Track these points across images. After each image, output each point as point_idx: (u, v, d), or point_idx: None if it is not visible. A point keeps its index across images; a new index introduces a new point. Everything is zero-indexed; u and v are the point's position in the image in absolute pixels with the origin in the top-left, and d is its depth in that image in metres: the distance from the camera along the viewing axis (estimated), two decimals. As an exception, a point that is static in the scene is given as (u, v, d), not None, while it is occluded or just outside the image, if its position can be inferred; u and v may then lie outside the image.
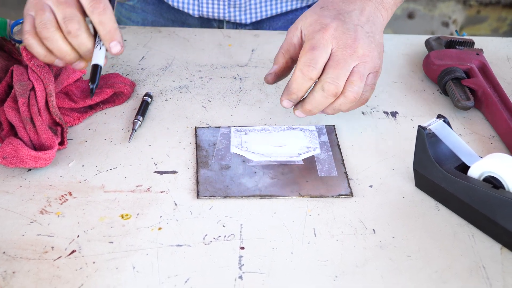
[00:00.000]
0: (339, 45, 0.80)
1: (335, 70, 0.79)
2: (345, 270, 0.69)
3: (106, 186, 0.78)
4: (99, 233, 0.72)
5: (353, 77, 0.80)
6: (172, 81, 0.98)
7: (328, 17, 0.82)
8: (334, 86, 0.79)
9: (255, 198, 0.77)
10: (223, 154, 0.83)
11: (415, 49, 1.07)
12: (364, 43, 0.81)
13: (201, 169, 0.81)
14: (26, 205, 0.75)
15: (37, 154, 0.77)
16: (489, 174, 0.71)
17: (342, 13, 0.83)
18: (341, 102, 0.81)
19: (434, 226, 0.74)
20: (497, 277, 0.68)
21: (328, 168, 0.81)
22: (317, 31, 0.81)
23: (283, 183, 0.79)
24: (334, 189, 0.78)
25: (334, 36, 0.81)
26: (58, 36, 0.79)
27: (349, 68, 0.80)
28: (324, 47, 0.80)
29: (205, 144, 0.85)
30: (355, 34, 0.81)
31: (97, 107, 0.91)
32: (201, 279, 0.67)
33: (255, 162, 0.82)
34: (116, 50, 0.81)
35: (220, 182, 0.79)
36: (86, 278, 0.67)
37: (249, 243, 0.71)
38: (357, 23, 0.83)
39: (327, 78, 0.80)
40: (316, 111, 0.83)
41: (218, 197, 0.77)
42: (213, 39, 1.08)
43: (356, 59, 0.80)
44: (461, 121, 0.91)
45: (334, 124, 0.89)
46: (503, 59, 1.05)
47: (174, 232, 0.72)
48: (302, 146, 0.84)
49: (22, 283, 0.66)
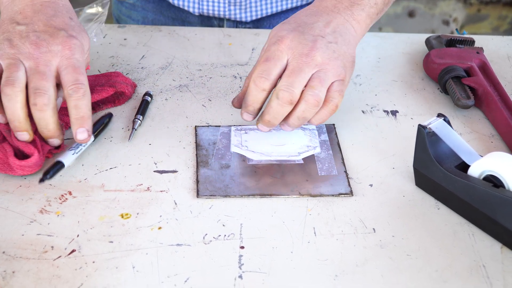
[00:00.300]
0: (295, 54, 0.80)
1: (290, 78, 0.79)
2: (345, 269, 0.69)
3: (106, 185, 0.78)
4: (99, 232, 0.72)
5: (313, 82, 0.79)
6: (172, 80, 0.98)
7: (286, 30, 0.82)
8: (288, 93, 0.78)
9: (255, 198, 0.77)
10: (223, 153, 0.83)
11: (416, 47, 1.07)
12: (323, 52, 0.80)
13: (201, 168, 0.81)
14: (26, 205, 0.75)
15: (20, 162, 0.77)
16: (490, 173, 0.71)
17: (302, 25, 0.83)
18: (303, 108, 0.80)
19: (434, 225, 0.74)
20: (498, 276, 0.68)
21: (328, 167, 0.81)
22: (272, 44, 0.81)
23: (283, 182, 0.79)
24: (334, 188, 0.78)
25: (289, 47, 0.80)
26: (20, 98, 0.76)
27: (306, 76, 0.79)
28: (278, 58, 0.80)
29: (205, 143, 0.85)
30: (312, 44, 0.81)
31: (97, 107, 0.91)
32: (201, 278, 0.67)
33: (255, 161, 0.82)
34: (81, 137, 0.79)
35: (220, 181, 0.79)
36: (86, 278, 0.67)
37: (249, 243, 0.71)
38: (318, 33, 0.82)
39: (281, 86, 0.79)
40: (276, 121, 0.81)
41: (218, 196, 0.77)
42: (214, 38, 1.08)
43: (314, 67, 0.80)
44: (462, 120, 0.91)
45: (334, 123, 0.88)
46: (504, 57, 1.05)
47: (174, 232, 0.72)
48: (302, 145, 0.84)
49: (21, 282, 0.66)
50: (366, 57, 1.04)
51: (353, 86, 0.97)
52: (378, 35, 1.11)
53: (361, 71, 1.01)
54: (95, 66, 1.00)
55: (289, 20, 0.85)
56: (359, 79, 0.99)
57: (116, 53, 1.03)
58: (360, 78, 0.99)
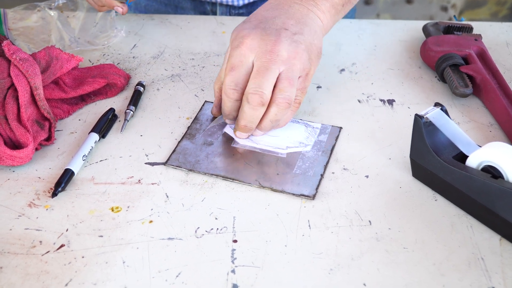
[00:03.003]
0: (258, 53, 0.78)
1: (257, 80, 0.77)
2: (341, 263, 0.67)
3: (96, 178, 0.77)
4: (88, 226, 0.71)
5: (282, 83, 0.77)
6: (164, 70, 0.96)
7: (247, 29, 0.80)
8: (258, 95, 0.77)
9: (225, 180, 0.76)
10: (214, 131, 0.83)
11: (413, 35, 1.05)
12: (287, 45, 0.78)
13: (184, 140, 0.82)
14: (14, 198, 0.74)
15: (12, 152, 0.76)
16: (488, 164, 0.70)
17: (263, 21, 0.81)
18: (275, 111, 0.78)
19: (431, 217, 0.72)
20: (496, 269, 0.66)
21: (307, 167, 0.79)
22: (235, 48, 0.79)
23: (253, 171, 0.78)
24: (299, 188, 0.75)
25: (251, 48, 0.78)
26: None
27: (273, 75, 0.77)
28: (242, 64, 0.78)
29: (203, 118, 0.85)
30: (275, 38, 0.78)
31: (88, 98, 0.89)
32: (193, 273, 0.66)
33: (240, 145, 0.81)
34: None
35: (194, 156, 0.79)
36: (75, 273, 0.66)
37: (242, 236, 0.70)
38: (281, 26, 0.80)
39: (250, 89, 0.77)
40: (252, 125, 0.80)
41: (183, 169, 0.77)
42: (207, 26, 1.06)
43: (280, 64, 0.77)
44: (460, 109, 0.89)
45: (341, 127, 0.85)
46: (502, 44, 1.03)
47: (165, 225, 0.71)
48: (294, 141, 0.82)
49: (9, 279, 0.65)
50: (362, 45, 1.02)
51: (348, 75, 0.95)
52: (375, 22, 1.09)
53: (357, 59, 0.99)
54: (85, 55, 0.98)
55: (250, 18, 0.82)
56: (355, 67, 0.97)
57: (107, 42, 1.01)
58: (356, 66, 0.97)
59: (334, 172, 0.78)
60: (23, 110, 0.79)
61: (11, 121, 0.77)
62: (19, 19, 1.04)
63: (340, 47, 1.01)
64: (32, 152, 0.77)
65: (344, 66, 0.97)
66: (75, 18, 1.04)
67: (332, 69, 0.96)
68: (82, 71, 0.92)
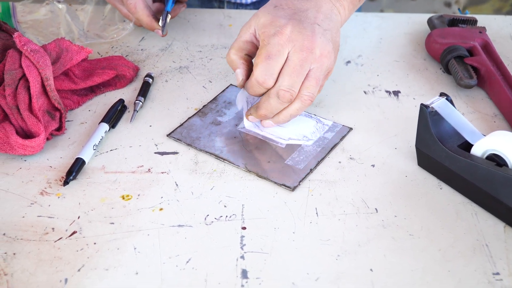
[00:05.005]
0: (296, 47, 0.78)
1: (291, 78, 0.78)
2: (348, 250, 0.68)
3: (106, 167, 0.78)
4: (100, 214, 0.72)
5: (310, 81, 0.79)
6: (172, 62, 0.97)
7: (283, 18, 0.79)
8: (289, 94, 0.78)
9: (235, 170, 0.78)
10: (227, 113, 0.85)
11: (417, 27, 1.06)
12: (321, 42, 0.79)
13: (195, 116, 0.85)
14: (26, 187, 0.75)
15: (24, 142, 0.77)
16: (492, 152, 0.71)
17: (297, 12, 0.81)
18: (298, 107, 0.80)
19: (437, 205, 0.73)
20: (501, 255, 0.68)
21: (300, 160, 0.79)
22: (272, 35, 0.78)
23: (246, 155, 0.79)
24: (283, 178, 0.76)
25: (290, 39, 0.78)
26: None
27: (305, 73, 0.78)
28: (280, 54, 0.78)
29: (222, 99, 0.88)
30: (311, 33, 0.79)
31: (98, 90, 0.91)
32: (203, 259, 0.67)
33: (245, 130, 0.83)
34: None
35: (198, 132, 0.82)
36: (87, 259, 0.67)
37: (251, 223, 0.71)
38: (314, 21, 0.80)
39: (283, 86, 0.78)
40: (270, 116, 0.81)
41: (182, 143, 0.80)
42: (214, 19, 1.07)
43: (313, 61, 0.78)
44: (464, 100, 0.90)
45: (351, 127, 0.85)
46: (506, 37, 1.04)
47: (175, 213, 0.72)
48: (299, 133, 0.83)
49: (23, 264, 0.66)
50: (368, 37, 1.03)
51: (354, 67, 0.96)
52: (380, 15, 1.10)
53: (363, 52, 1.00)
54: (94, 48, 0.99)
55: (281, 3, 0.82)
56: (361, 59, 0.98)
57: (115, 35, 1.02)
58: (362, 58, 0.98)
59: (341, 162, 0.79)
60: (34, 100, 0.80)
61: (23, 111, 0.79)
62: (28, 12, 1.05)
63: (346, 40, 1.02)
64: (44, 142, 0.78)
65: (350, 58, 0.98)
66: (83, 11, 1.05)
67: (338, 61, 0.97)
68: (92, 62, 0.93)
